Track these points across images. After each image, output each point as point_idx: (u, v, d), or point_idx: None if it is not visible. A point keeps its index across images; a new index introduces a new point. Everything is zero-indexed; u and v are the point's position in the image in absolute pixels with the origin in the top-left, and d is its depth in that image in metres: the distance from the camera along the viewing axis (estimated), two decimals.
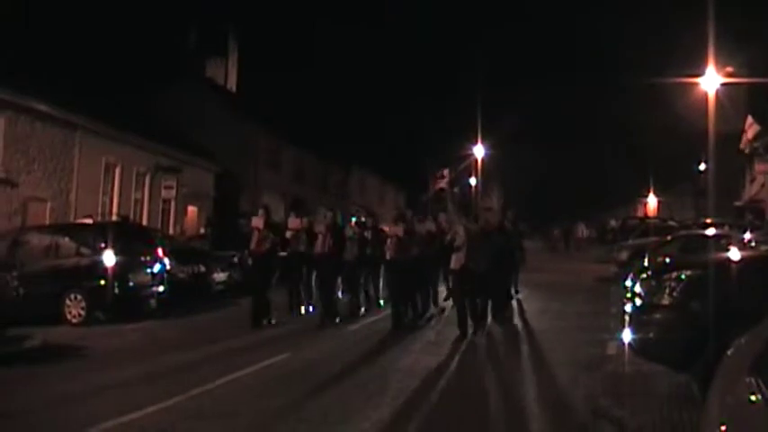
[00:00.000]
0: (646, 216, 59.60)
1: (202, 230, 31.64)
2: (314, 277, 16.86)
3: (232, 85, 48.37)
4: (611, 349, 11.36)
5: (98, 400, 9.07)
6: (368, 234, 16.91)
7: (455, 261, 13.77)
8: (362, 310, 16.65)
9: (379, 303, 17.65)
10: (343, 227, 17.37)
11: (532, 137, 77.74)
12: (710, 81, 27.77)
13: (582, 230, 45.52)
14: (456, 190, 73.99)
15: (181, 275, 19.58)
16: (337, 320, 15.42)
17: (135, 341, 13.94)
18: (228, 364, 11.03)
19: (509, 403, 8.80)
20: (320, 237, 15.85)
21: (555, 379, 9.90)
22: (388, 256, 15.38)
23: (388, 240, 15.33)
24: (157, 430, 7.67)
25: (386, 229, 16.78)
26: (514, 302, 18.01)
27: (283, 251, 16.90)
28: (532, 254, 36.26)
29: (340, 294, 17.38)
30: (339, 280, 17.28)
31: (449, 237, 14.43)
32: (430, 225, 17.13)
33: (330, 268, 15.95)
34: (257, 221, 15.50)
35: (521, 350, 12.36)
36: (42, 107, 23.71)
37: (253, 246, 15.51)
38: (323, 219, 16.65)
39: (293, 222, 17.00)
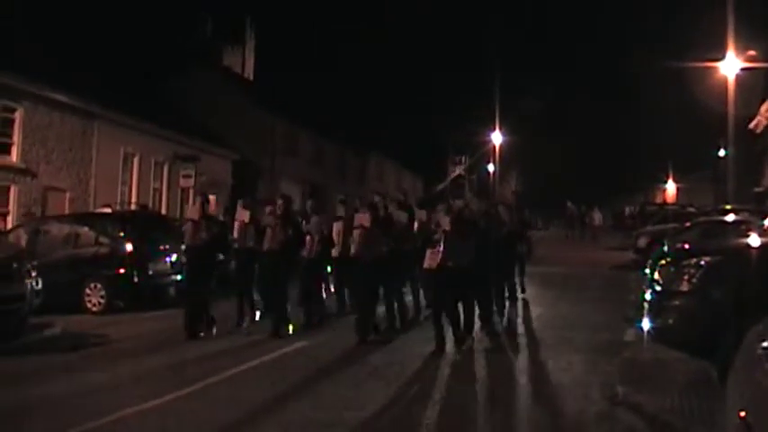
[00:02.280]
0: (664, 202, 59.25)
1: (221, 218, 31.66)
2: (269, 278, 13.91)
3: (249, 73, 48.40)
4: (630, 336, 11.33)
5: (117, 387, 9.13)
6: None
7: (429, 258, 11.37)
8: (317, 318, 13.82)
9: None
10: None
11: (550, 123, 77.46)
12: (730, 65, 27.49)
13: (597, 218, 44.96)
14: (474, 177, 73.83)
15: None
16: (290, 331, 12.88)
17: (154, 329, 14.01)
18: (248, 353, 11.11)
19: (525, 389, 8.80)
20: (269, 229, 13.29)
21: (572, 366, 9.88)
22: (352, 251, 12.83)
23: (354, 232, 12.72)
24: (177, 416, 7.72)
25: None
26: (519, 304, 15.80)
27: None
28: (545, 242, 36.20)
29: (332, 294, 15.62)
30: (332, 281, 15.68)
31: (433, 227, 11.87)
32: (421, 214, 13.98)
33: (279, 267, 13.10)
34: (192, 212, 13.70)
35: (536, 337, 12.33)
36: (60, 97, 23.88)
37: (187, 239, 13.35)
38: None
39: (240, 214, 14.40)
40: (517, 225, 16.18)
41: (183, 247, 14.39)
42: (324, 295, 14.95)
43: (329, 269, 15.58)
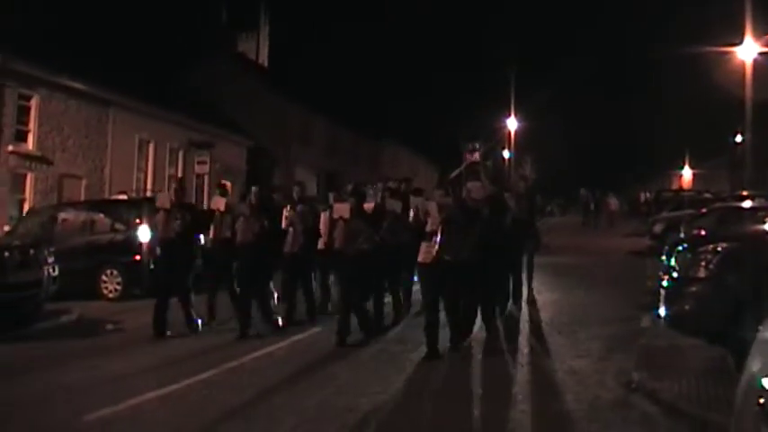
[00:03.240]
0: (681, 188, 58.95)
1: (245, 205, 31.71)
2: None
3: (264, 59, 48.37)
4: (646, 323, 11.28)
5: (134, 373, 9.18)
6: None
7: (424, 252, 10.15)
8: (280, 320, 12.24)
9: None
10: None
11: (565, 109, 77.17)
12: (748, 50, 27.25)
13: (614, 203, 44.69)
14: (489, 163, 73.66)
15: None
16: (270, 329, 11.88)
17: (170, 316, 14.06)
18: (266, 340, 11.17)
19: (540, 376, 8.79)
20: (241, 220, 12.12)
21: (588, 353, 9.86)
22: (336, 246, 11.76)
23: (338, 224, 11.59)
24: (194, 402, 7.76)
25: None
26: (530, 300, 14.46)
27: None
28: (560, 229, 36.08)
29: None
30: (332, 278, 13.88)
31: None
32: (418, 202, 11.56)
33: (252, 262, 12.01)
34: (163, 200, 12.42)
35: (551, 324, 12.28)
36: (76, 84, 23.96)
37: (159, 230, 12.48)
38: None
39: (216, 202, 13.13)
40: (525, 213, 14.05)
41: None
42: (313, 292, 13.29)
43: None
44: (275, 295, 13.04)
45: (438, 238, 9.97)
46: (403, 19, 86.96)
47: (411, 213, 11.18)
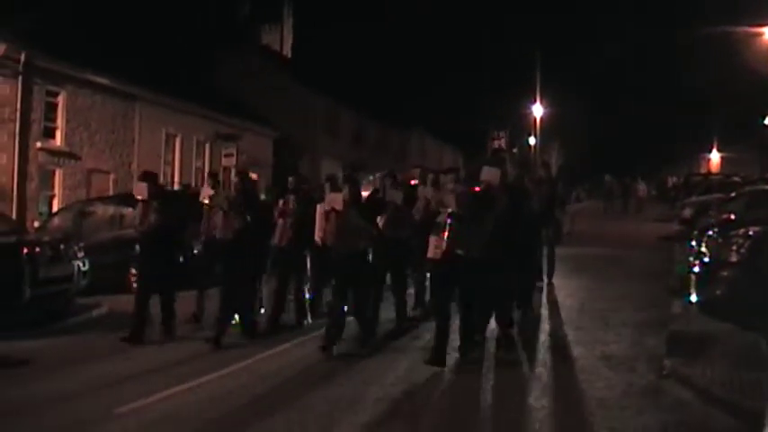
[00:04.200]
0: (709, 172, 58.38)
1: (262, 197, 31.84)
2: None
3: (288, 51, 48.41)
4: (677, 308, 11.20)
5: (163, 366, 9.23)
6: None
7: (433, 246, 9.04)
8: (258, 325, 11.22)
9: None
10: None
11: (591, 94, 76.55)
12: None
13: (642, 189, 44.23)
14: (515, 150, 73.35)
15: None
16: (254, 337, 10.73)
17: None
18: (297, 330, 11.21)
19: (571, 362, 8.76)
20: (220, 214, 11.17)
21: (619, 339, 9.81)
22: (326, 241, 10.56)
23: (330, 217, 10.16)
24: (225, 394, 7.81)
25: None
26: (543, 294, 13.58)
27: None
28: (585, 215, 35.80)
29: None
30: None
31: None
32: (426, 192, 11.21)
33: (233, 260, 10.67)
34: (139, 189, 11.24)
35: (581, 311, 12.23)
36: (102, 80, 24.15)
37: (136, 223, 11.47)
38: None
39: (205, 192, 12.30)
40: (545, 201, 13.03)
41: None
42: (306, 293, 12.12)
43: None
44: (261, 299, 12.18)
45: (447, 231, 8.80)
46: (430, 8, 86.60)
47: (421, 204, 10.63)
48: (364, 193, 11.66)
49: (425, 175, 11.53)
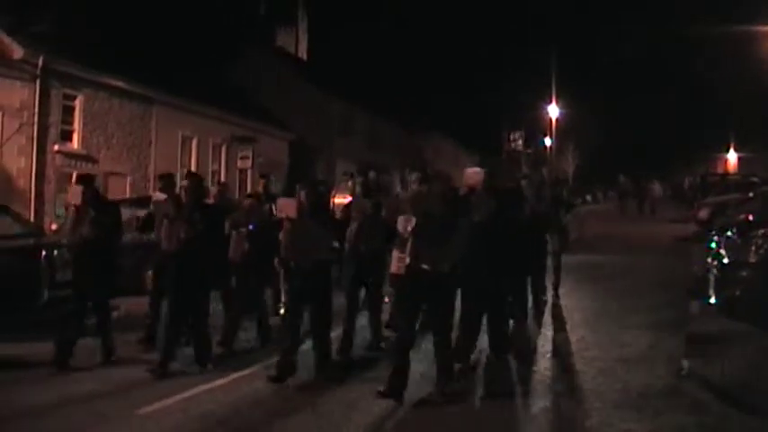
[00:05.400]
0: (726, 172, 58.06)
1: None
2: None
3: (303, 53, 48.56)
4: (695, 309, 11.14)
5: (182, 367, 9.24)
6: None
7: (396, 260, 8.33)
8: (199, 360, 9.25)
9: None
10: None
11: (606, 95, 76.28)
12: None
13: (657, 189, 43.87)
14: (530, 151, 73.23)
15: None
16: (209, 367, 9.05)
17: (216, 311, 14.15)
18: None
19: (589, 364, 8.73)
20: (165, 223, 9.35)
21: (637, 340, 9.78)
22: (281, 254, 9.04)
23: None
24: (245, 394, 7.83)
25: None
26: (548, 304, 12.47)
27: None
28: (598, 216, 35.64)
29: None
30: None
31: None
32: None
33: (178, 278, 9.10)
34: (73, 194, 9.64)
35: (598, 311, 12.20)
36: (119, 83, 24.30)
37: (66, 232, 10.02)
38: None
39: (156, 197, 11.11)
40: (547, 206, 11.96)
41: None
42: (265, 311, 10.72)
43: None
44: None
45: (410, 243, 7.53)
46: (444, 9, 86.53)
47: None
48: (344, 200, 10.48)
49: (427, 176, 8.89)
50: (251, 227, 10.27)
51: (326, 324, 8.52)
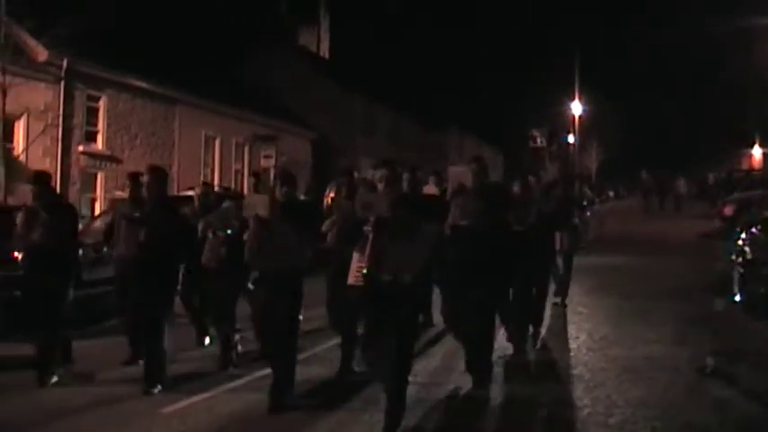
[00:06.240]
0: (751, 168, 57.56)
1: (302, 197, 31.90)
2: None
3: (325, 51, 48.64)
4: (719, 306, 11.08)
5: (207, 365, 9.30)
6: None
7: (355, 269, 6.93)
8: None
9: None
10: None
11: (630, 91, 75.92)
12: None
13: (681, 186, 43.36)
14: (554, 148, 72.97)
15: None
16: (156, 389, 7.91)
17: (240, 311, 14.19)
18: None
19: (612, 361, 8.71)
20: (123, 225, 8.70)
21: (661, 337, 9.74)
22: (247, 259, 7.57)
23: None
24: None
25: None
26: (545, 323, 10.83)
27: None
28: (620, 213, 35.37)
29: None
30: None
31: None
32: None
33: (138, 286, 8.27)
34: (23, 193, 8.70)
35: (621, 308, 12.15)
36: (142, 84, 24.47)
37: (20, 234, 8.47)
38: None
39: (119, 195, 9.93)
40: (556, 206, 11.05)
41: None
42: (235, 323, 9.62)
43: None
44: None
45: (368, 248, 6.50)
46: (466, 6, 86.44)
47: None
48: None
49: (395, 173, 7.73)
50: (229, 231, 9.05)
51: (282, 340, 7.36)
